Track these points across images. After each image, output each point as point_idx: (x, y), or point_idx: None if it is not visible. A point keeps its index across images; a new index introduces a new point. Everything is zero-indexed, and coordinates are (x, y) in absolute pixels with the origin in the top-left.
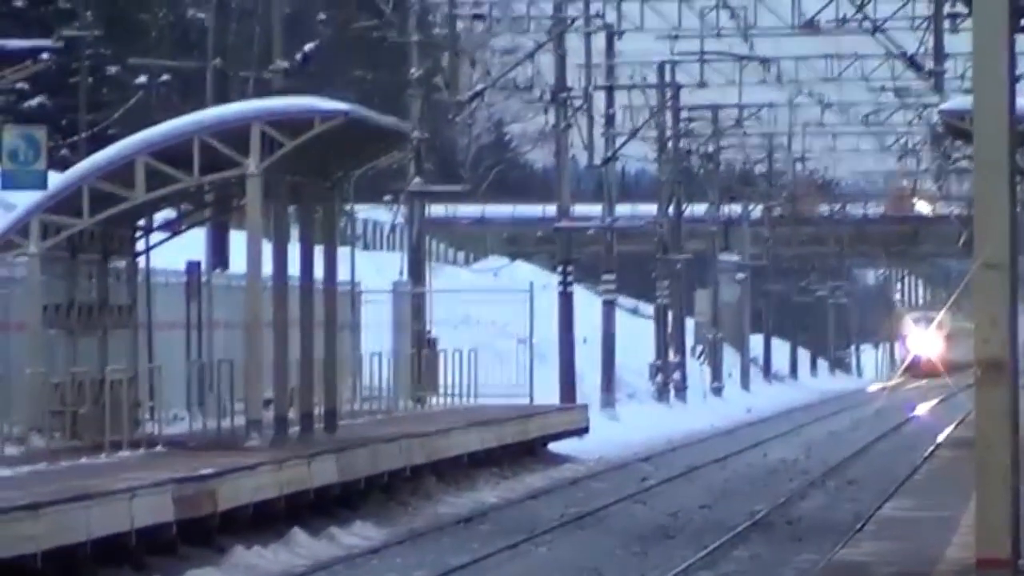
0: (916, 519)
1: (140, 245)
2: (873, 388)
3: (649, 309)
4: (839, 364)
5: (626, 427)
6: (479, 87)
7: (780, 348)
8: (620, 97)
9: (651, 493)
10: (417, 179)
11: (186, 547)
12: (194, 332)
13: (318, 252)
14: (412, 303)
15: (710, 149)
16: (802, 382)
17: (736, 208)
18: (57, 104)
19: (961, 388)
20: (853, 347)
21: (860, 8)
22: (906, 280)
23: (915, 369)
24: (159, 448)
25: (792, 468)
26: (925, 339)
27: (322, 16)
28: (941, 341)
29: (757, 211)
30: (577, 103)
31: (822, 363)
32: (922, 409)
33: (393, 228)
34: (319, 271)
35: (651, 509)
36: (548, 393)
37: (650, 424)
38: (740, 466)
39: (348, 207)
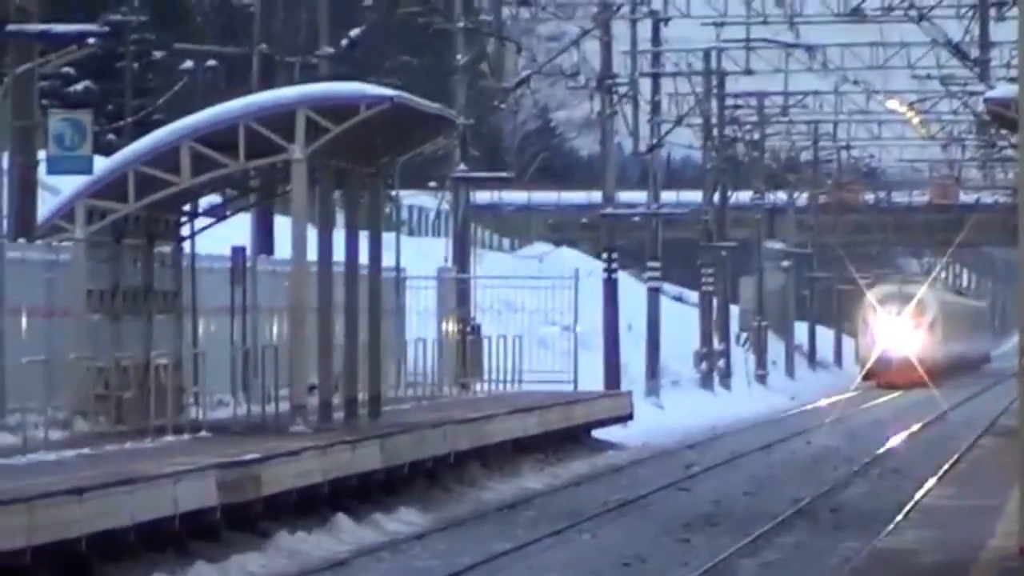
0: (959, 508)
1: (185, 230)
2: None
3: (694, 296)
4: None
5: (670, 414)
6: (525, 73)
7: (824, 336)
8: (666, 84)
9: (695, 480)
10: (462, 165)
11: (229, 532)
12: (239, 317)
13: (363, 238)
14: (457, 289)
15: (755, 136)
16: (846, 370)
17: (781, 196)
18: (103, 89)
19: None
20: None
21: None
22: (951, 268)
23: (882, 374)
24: (203, 433)
25: (836, 455)
26: (899, 328)
27: (368, 2)
28: (923, 331)
29: (802, 199)
30: (623, 90)
31: None
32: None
33: (438, 214)
34: (364, 257)
35: (695, 496)
36: (592, 380)
37: (694, 411)
38: (784, 454)
39: (393, 193)
